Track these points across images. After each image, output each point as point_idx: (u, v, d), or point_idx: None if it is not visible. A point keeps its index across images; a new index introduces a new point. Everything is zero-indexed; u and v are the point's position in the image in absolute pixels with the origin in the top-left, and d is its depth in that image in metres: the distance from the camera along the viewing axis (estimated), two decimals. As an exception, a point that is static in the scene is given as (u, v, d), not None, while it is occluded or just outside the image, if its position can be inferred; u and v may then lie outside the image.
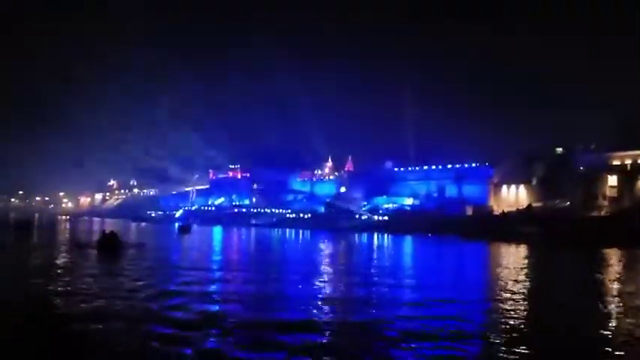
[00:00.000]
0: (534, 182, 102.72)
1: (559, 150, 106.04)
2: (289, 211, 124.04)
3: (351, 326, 12.73)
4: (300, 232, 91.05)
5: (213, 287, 19.50)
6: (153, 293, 16.70)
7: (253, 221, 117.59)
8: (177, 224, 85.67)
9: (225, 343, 10.66)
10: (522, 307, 16.07)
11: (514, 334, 12.06)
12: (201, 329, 11.72)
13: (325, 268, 27.68)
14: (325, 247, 48.22)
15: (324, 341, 11.05)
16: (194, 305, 14.72)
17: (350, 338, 11.53)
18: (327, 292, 18.96)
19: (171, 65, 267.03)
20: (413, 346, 10.78)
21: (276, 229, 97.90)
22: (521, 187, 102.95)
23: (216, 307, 14.90)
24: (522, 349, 10.50)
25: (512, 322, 13.38)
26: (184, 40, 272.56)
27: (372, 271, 28.16)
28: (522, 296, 18.56)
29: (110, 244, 30.48)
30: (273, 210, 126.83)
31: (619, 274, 29.69)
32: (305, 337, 11.20)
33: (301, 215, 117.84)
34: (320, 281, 21.60)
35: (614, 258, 40.26)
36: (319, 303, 16.00)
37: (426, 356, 10.12)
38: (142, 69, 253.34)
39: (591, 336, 12.50)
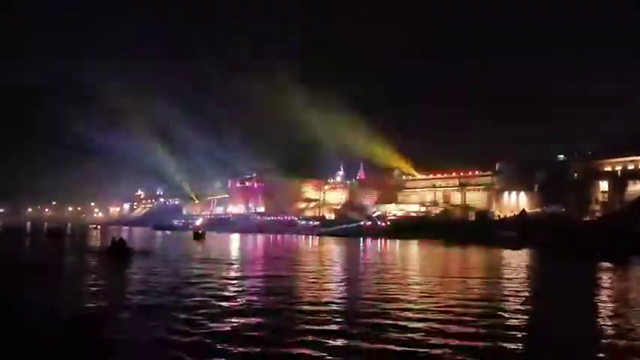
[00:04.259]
0: (536, 188, 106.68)
1: (560, 157, 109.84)
2: (300, 217, 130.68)
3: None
4: (310, 238, 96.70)
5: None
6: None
7: (267, 228, 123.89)
8: (193, 232, 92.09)
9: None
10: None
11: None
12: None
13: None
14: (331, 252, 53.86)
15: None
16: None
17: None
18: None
19: (193, 78, 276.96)
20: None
21: (287, 236, 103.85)
22: (522, 193, 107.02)
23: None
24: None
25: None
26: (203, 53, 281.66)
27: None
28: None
29: (119, 250, 36.26)
30: (286, 217, 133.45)
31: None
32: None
33: (311, 223, 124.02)
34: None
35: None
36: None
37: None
38: (166, 81, 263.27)
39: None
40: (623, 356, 11.27)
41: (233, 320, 13.98)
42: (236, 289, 20.87)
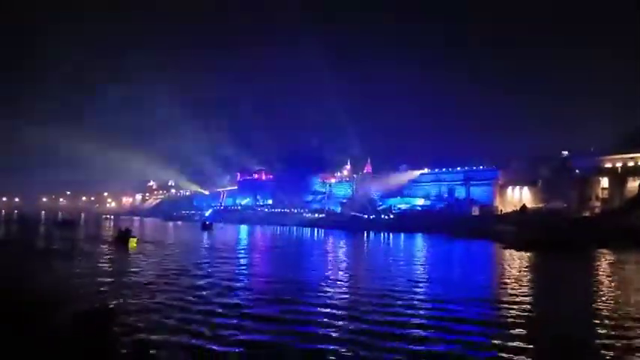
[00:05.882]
0: (539, 184, 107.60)
1: (565, 153, 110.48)
2: (307, 210, 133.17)
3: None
4: (316, 230, 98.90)
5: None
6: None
7: (274, 220, 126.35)
8: (201, 222, 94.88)
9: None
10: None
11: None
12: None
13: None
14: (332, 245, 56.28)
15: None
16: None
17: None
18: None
19: (207, 71, 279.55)
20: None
21: (294, 228, 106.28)
22: (525, 188, 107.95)
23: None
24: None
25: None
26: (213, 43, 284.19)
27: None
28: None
29: (125, 239, 38.97)
30: (293, 210, 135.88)
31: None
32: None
33: (316, 215, 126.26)
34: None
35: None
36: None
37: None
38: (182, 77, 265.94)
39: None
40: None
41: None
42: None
